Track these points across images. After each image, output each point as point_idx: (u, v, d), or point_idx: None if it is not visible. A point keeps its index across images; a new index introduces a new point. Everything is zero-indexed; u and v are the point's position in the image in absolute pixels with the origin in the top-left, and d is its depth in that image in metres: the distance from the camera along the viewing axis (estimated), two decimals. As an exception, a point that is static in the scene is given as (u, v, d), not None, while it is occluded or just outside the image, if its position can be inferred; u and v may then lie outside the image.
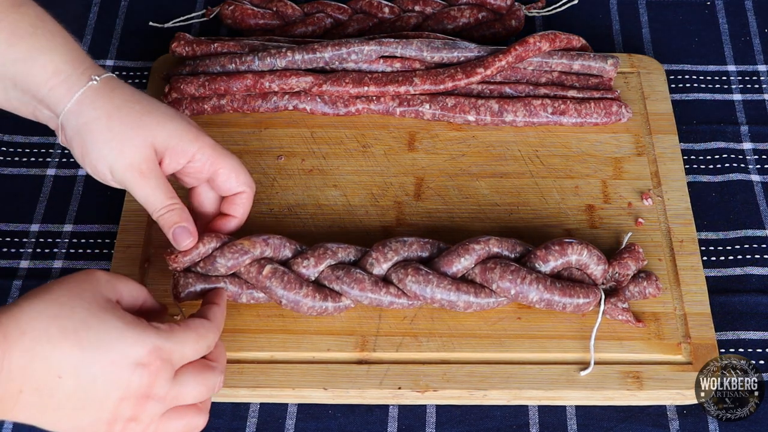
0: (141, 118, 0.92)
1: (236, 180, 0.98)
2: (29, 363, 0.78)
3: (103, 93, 0.92)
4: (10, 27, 0.91)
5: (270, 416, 0.96)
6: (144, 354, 0.81)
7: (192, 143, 0.95)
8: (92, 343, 0.79)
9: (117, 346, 0.80)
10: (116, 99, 0.92)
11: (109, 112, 0.92)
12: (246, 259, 0.97)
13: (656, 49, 1.27)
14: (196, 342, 0.85)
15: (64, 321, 0.79)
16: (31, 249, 1.08)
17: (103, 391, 0.80)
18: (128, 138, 0.92)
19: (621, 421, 0.95)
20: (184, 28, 1.29)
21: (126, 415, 0.82)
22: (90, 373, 0.79)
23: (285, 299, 0.96)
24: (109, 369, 0.80)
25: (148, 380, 0.81)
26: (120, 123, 0.92)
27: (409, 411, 0.97)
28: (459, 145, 1.14)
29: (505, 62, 1.14)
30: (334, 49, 1.15)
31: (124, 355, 0.80)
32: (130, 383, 0.80)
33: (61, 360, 0.78)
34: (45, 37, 0.92)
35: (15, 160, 1.16)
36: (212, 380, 0.87)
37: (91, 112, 0.92)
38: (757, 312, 1.03)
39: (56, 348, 0.78)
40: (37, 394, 0.78)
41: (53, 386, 0.79)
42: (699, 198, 1.11)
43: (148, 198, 0.94)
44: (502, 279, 0.97)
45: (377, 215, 1.08)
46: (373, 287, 0.97)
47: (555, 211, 1.08)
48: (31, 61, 0.91)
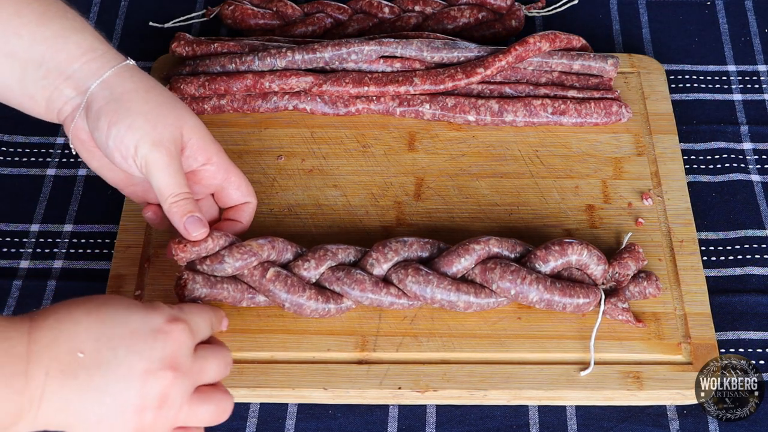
0: (177, 103, 0.94)
1: (246, 189, 1.00)
2: (53, 341, 0.78)
3: (139, 73, 0.94)
4: (41, 8, 0.92)
5: (270, 416, 0.96)
6: (161, 321, 0.82)
7: (212, 144, 0.97)
8: (112, 317, 0.80)
9: (135, 317, 0.81)
10: (152, 81, 0.95)
11: (147, 88, 0.93)
12: (254, 260, 0.97)
13: (656, 49, 1.27)
14: (201, 313, 0.87)
15: (87, 303, 0.81)
16: (31, 249, 1.08)
17: (125, 363, 0.79)
18: (163, 115, 0.92)
19: (621, 421, 0.95)
20: (184, 28, 1.29)
21: (155, 394, 0.79)
22: (110, 344, 0.79)
23: (288, 302, 0.96)
24: (129, 339, 0.80)
25: (171, 347, 0.81)
26: (157, 98, 0.93)
27: (409, 411, 0.97)
28: (459, 145, 1.14)
29: (505, 62, 1.14)
30: (334, 49, 1.15)
31: (143, 323, 0.81)
32: (153, 351, 0.80)
33: (82, 334, 0.79)
34: (76, 20, 0.94)
35: (15, 160, 1.16)
36: (228, 356, 0.87)
37: (130, 83, 0.92)
38: (757, 312, 1.03)
39: (78, 324, 0.79)
40: (62, 376, 0.77)
41: (75, 364, 0.78)
42: (699, 198, 1.11)
43: (167, 181, 0.92)
44: (502, 279, 0.97)
45: (377, 215, 1.08)
46: (374, 288, 0.97)
47: (555, 211, 1.08)
48: (63, 39, 0.92)
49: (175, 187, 0.92)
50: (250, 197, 1.01)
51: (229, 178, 0.98)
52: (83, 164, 1.15)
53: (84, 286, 1.04)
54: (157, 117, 0.92)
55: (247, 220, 1.01)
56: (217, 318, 0.91)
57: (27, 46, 0.92)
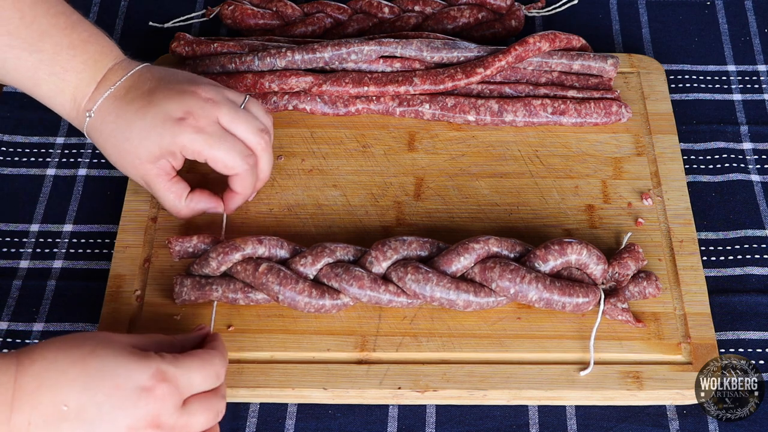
0: (123, 148, 1.00)
1: (224, 169, 1.01)
2: (37, 390, 0.78)
3: (97, 126, 1.01)
4: (33, 67, 1.00)
5: (270, 416, 0.96)
6: (147, 378, 0.81)
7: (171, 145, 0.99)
8: (98, 369, 0.80)
9: (121, 372, 0.80)
10: (105, 134, 1.01)
11: (104, 145, 1.02)
12: (237, 255, 0.98)
13: (656, 49, 1.27)
14: (202, 368, 0.85)
15: (74, 351, 0.80)
16: (31, 249, 1.08)
17: (108, 419, 0.79)
18: (121, 163, 1.02)
19: (621, 421, 0.95)
20: (184, 28, 1.29)
21: None
22: (95, 400, 0.79)
23: (282, 295, 0.97)
24: (113, 394, 0.79)
25: (154, 406, 0.81)
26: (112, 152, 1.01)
27: (409, 411, 0.97)
28: (459, 145, 1.14)
29: (505, 62, 1.14)
30: (334, 49, 1.15)
31: (128, 379, 0.80)
32: (136, 409, 0.80)
33: (66, 387, 0.79)
34: (59, 76, 1.00)
35: (15, 160, 1.16)
36: (218, 406, 0.87)
37: (97, 140, 1.02)
38: (757, 312, 1.03)
39: (63, 375, 0.79)
40: (45, 426, 0.78)
41: (59, 416, 0.78)
42: (699, 198, 1.11)
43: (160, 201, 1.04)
44: (502, 278, 0.97)
45: (377, 215, 1.08)
46: (372, 285, 0.97)
47: (555, 211, 1.08)
48: (51, 101, 1.02)
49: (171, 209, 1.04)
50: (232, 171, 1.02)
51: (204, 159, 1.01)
52: (83, 164, 1.15)
53: (84, 286, 1.04)
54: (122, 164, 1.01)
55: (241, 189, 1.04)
56: (222, 365, 0.88)
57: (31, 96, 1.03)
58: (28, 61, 0.98)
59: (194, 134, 0.98)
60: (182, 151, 0.99)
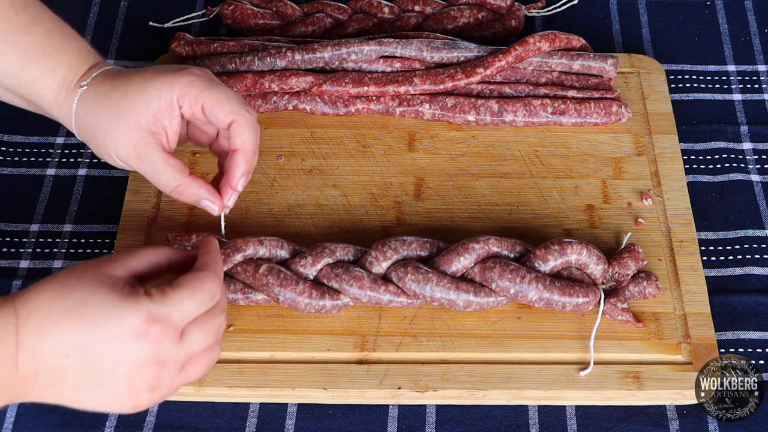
0: (120, 104, 0.94)
1: (220, 110, 0.94)
2: (38, 342, 0.79)
3: (91, 95, 0.95)
4: (24, 48, 0.95)
5: (270, 416, 0.96)
6: (140, 322, 0.81)
7: (169, 92, 0.94)
8: (90, 320, 0.80)
9: (113, 320, 0.80)
10: (100, 96, 0.95)
11: (96, 113, 0.95)
12: (238, 257, 0.98)
13: (656, 49, 1.27)
14: (193, 296, 0.84)
15: (65, 300, 0.80)
16: (31, 249, 1.08)
17: (110, 366, 0.80)
18: (114, 129, 0.94)
19: (621, 421, 0.95)
20: (184, 28, 1.29)
21: (144, 387, 0.82)
22: (94, 349, 0.80)
23: (282, 296, 0.97)
24: (110, 344, 0.80)
25: (152, 349, 0.81)
26: (104, 118, 0.94)
27: (409, 411, 0.97)
28: (459, 145, 1.14)
29: (505, 62, 1.14)
30: (334, 49, 1.15)
31: (122, 327, 0.80)
32: (135, 355, 0.80)
33: (65, 339, 0.80)
34: (51, 56, 0.96)
35: (15, 160, 1.16)
36: (216, 324, 0.86)
37: (85, 118, 0.96)
38: (757, 312, 1.03)
39: (59, 327, 0.80)
40: (51, 374, 0.80)
41: (63, 366, 0.80)
42: (699, 198, 1.11)
43: (156, 181, 0.95)
44: (502, 278, 0.97)
45: (377, 215, 1.08)
46: (372, 285, 0.97)
47: (555, 211, 1.08)
48: (39, 83, 0.96)
49: (164, 186, 0.95)
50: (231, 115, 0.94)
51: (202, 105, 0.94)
52: (83, 164, 1.15)
53: (84, 286, 1.04)
54: (112, 135, 0.94)
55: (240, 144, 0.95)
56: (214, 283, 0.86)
57: (16, 87, 0.97)
58: (18, 44, 0.95)
59: (192, 77, 0.94)
60: (180, 98, 0.94)
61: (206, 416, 0.96)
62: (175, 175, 0.94)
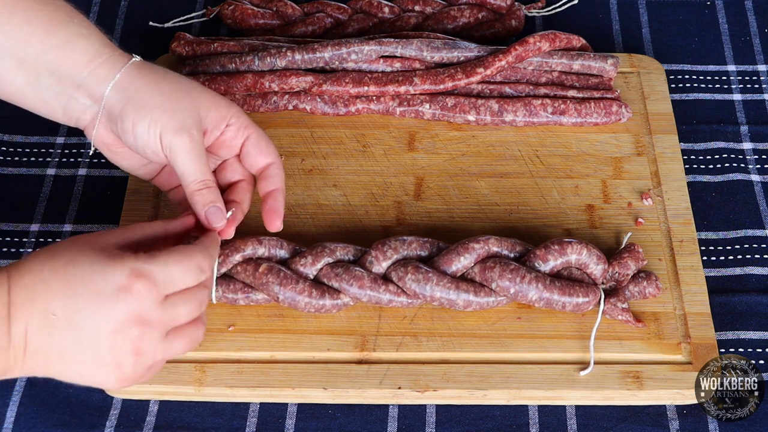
0: (188, 85, 0.94)
1: (266, 148, 0.97)
2: (29, 301, 0.81)
3: (147, 67, 0.95)
4: (48, 16, 0.93)
5: (270, 416, 0.96)
6: (123, 278, 0.82)
7: (228, 108, 0.96)
8: (77, 278, 0.81)
9: (97, 277, 0.82)
10: (160, 71, 0.95)
11: (157, 80, 0.94)
12: (237, 257, 0.98)
13: (656, 49, 1.27)
14: (179, 262, 0.85)
15: (54, 262, 0.82)
16: (31, 249, 1.08)
17: (93, 324, 0.81)
18: (178, 101, 0.93)
19: (621, 421, 0.95)
20: (184, 28, 1.29)
21: (127, 349, 0.82)
22: (77, 307, 0.81)
23: (282, 295, 0.97)
24: (94, 300, 0.81)
25: (134, 304, 0.82)
26: (169, 87, 0.93)
27: (409, 411, 0.97)
28: (459, 145, 1.14)
29: (505, 62, 1.14)
30: (334, 49, 1.15)
31: (106, 282, 0.81)
32: (116, 310, 0.81)
33: (52, 297, 0.81)
34: (82, 25, 0.94)
35: (15, 160, 1.16)
36: (200, 295, 0.87)
37: (141, 80, 0.93)
38: (757, 312, 1.03)
39: (47, 286, 0.81)
40: (39, 335, 0.81)
41: (50, 324, 0.81)
42: (699, 198, 1.11)
43: (189, 167, 0.92)
44: (502, 278, 0.97)
45: (377, 215, 1.08)
46: (372, 285, 0.97)
47: (555, 211, 1.08)
48: (70, 46, 0.93)
49: (197, 174, 0.93)
50: (273, 156, 0.98)
51: (248, 136, 0.97)
52: (83, 164, 1.15)
53: (84, 285, 1.04)
54: (174, 104, 0.93)
55: (280, 183, 0.98)
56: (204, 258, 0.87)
57: (37, 54, 0.93)
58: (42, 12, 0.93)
59: (244, 111, 0.97)
60: (233, 118, 0.95)
61: (206, 416, 0.96)
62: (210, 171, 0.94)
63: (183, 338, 0.86)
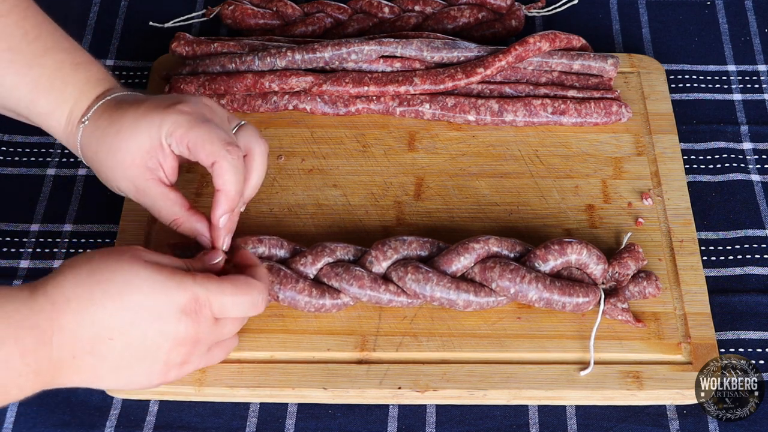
0: (114, 144, 0.96)
1: (202, 151, 0.93)
2: (78, 328, 0.82)
3: (90, 130, 0.97)
4: (34, 81, 0.97)
5: (270, 416, 0.96)
6: (184, 301, 0.85)
7: (158, 132, 0.94)
8: (137, 302, 0.83)
9: (161, 300, 0.84)
10: (98, 131, 0.97)
11: (95, 149, 0.97)
12: None
13: (656, 49, 1.27)
14: (235, 295, 0.88)
15: (107, 285, 0.83)
16: (31, 249, 1.08)
17: (154, 344, 0.85)
18: (113, 167, 0.96)
19: (621, 421, 0.95)
20: (184, 28, 1.29)
21: (177, 361, 0.87)
22: (140, 330, 0.84)
23: (282, 294, 0.97)
24: (157, 323, 0.84)
25: (194, 326, 0.86)
26: (101, 156, 0.97)
27: (409, 411, 0.97)
28: (459, 145, 1.14)
29: (505, 62, 1.14)
30: (334, 49, 1.15)
31: (169, 304, 0.84)
32: (178, 331, 0.85)
33: (109, 322, 0.82)
34: (59, 90, 0.98)
35: (15, 160, 1.16)
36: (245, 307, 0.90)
37: (88, 152, 0.98)
38: (757, 312, 1.03)
39: (103, 310, 0.82)
40: (91, 358, 0.83)
41: (105, 348, 0.83)
42: (699, 198, 1.11)
43: (156, 214, 0.98)
44: (502, 278, 0.97)
45: (377, 215, 1.08)
46: (372, 284, 0.97)
47: (555, 211, 1.08)
48: (48, 117, 0.98)
49: (163, 218, 0.97)
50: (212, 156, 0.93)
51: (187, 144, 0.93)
52: (83, 164, 1.15)
53: (84, 285, 1.04)
54: (111, 171, 0.97)
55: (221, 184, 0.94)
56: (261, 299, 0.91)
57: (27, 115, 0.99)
58: (28, 76, 0.97)
59: (179, 115, 0.94)
60: (167, 137, 0.93)
61: (206, 416, 0.96)
62: (174, 209, 0.97)
63: (223, 350, 0.93)
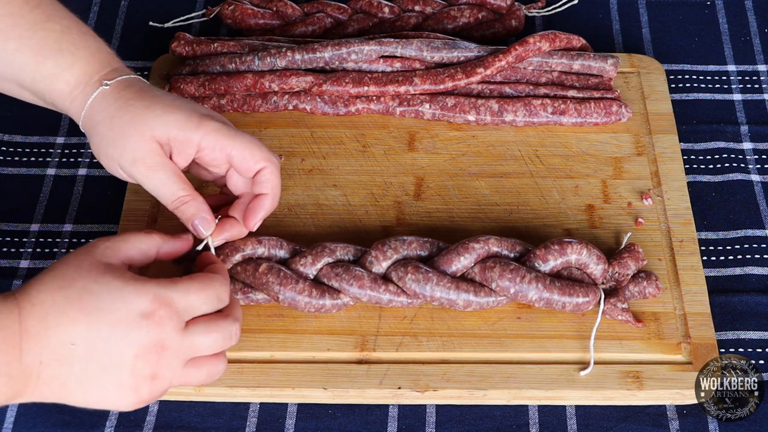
0: (140, 114, 0.94)
1: (251, 158, 0.96)
2: (44, 331, 0.81)
3: (112, 96, 0.95)
4: (39, 44, 0.95)
5: (270, 416, 0.96)
6: (146, 304, 0.83)
7: (194, 131, 0.94)
8: (96, 306, 0.82)
9: (120, 304, 0.82)
10: (121, 100, 0.95)
11: (112, 114, 0.94)
12: (237, 256, 0.98)
13: (656, 49, 1.27)
14: (201, 290, 0.86)
15: (67, 290, 0.82)
16: (31, 249, 1.08)
17: (116, 351, 0.82)
18: (127, 135, 0.94)
19: (621, 421, 0.95)
20: (184, 28, 1.29)
21: (146, 374, 0.83)
22: (100, 335, 0.82)
23: (282, 295, 0.97)
24: (117, 327, 0.82)
25: (156, 330, 0.83)
26: (120, 121, 0.94)
27: (409, 411, 0.97)
28: (459, 145, 1.14)
29: (505, 62, 1.14)
30: (334, 49, 1.15)
31: (128, 310, 0.82)
32: (140, 336, 0.82)
33: (70, 327, 0.81)
34: (69, 51, 0.96)
35: (15, 160, 1.16)
36: (225, 328, 0.88)
37: (99, 115, 0.95)
38: (757, 312, 1.03)
39: (64, 315, 0.81)
40: (57, 365, 0.81)
41: (69, 354, 0.81)
42: (699, 198, 1.11)
43: (159, 190, 0.95)
44: (502, 278, 0.97)
45: (377, 215, 1.08)
46: (372, 285, 0.97)
47: (555, 211, 1.08)
48: (55, 78, 0.96)
49: (168, 195, 0.95)
50: (262, 162, 0.96)
51: (229, 154, 0.96)
52: (83, 164, 1.15)
53: (84, 285, 1.04)
54: (124, 139, 0.94)
55: (270, 189, 0.97)
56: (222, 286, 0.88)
57: (30, 82, 0.97)
58: (32, 39, 0.95)
59: (219, 124, 0.95)
60: (203, 140, 0.94)
61: (206, 416, 0.96)
62: (183, 185, 0.95)
63: (202, 370, 0.88)
